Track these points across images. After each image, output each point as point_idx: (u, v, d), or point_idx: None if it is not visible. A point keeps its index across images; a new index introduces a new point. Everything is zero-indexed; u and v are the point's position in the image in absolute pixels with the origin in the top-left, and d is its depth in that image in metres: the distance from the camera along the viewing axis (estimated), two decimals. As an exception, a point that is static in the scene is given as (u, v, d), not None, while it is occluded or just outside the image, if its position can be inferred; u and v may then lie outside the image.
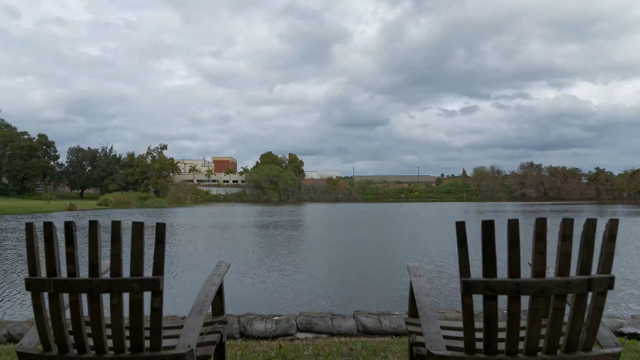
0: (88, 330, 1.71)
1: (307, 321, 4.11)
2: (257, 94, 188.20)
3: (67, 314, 1.72)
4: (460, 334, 1.75)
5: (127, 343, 1.72)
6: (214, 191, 79.41)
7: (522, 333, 1.70)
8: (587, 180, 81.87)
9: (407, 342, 2.42)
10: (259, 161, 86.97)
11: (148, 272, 1.68)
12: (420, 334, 2.01)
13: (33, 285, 1.69)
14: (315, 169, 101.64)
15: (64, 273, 1.70)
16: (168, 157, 74.91)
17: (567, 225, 1.59)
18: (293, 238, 17.06)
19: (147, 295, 1.67)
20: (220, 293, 2.43)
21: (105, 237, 1.67)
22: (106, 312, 1.70)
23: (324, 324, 4.09)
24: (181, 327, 2.02)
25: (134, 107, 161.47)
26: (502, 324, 1.64)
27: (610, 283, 1.62)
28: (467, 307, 1.63)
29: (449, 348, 1.75)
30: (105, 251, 1.69)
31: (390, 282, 8.29)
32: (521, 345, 1.68)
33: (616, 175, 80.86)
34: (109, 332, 1.71)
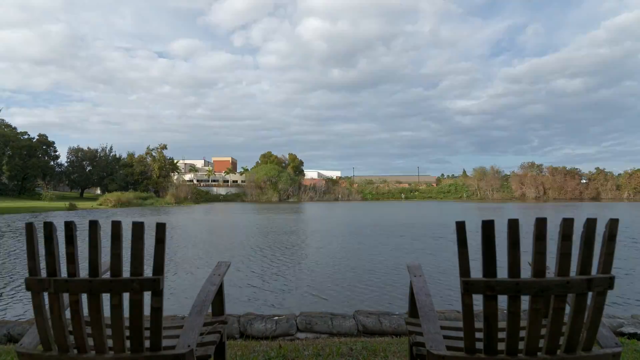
0: (88, 330, 1.71)
1: (307, 321, 4.11)
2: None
3: (67, 314, 1.72)
4: (460, 334, 1.75)
5: (127, 343, 1.72)
6: (214, 191, 79.36)
7: (522, 333, 1.70)
8: (587, 180, 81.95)
9: (407, 342, 2.42)
10: (259, 161, 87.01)
11: (148, 272, 1.69)
12: (420, 334, 2.01)
13: (33, 285, 1.69)
14: (315, 168, 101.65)
15: (64, 273, 1.70)
16: (168, 157, 74.93)
17: (567, 225, 1.59)
18: (293, 237, 17.07)
19: (147, 295, 1.67)
20: (220, 293, 2.43)
21: (105, 237, 1.67)
22: (106, 312, 1.71)
23: (324, 324, 4.09)
24: (181, 327, 2.02)
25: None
26: (502, 324, 1.64)
27: (610, 283, 1.62)
28: (467, 307, 1.63)
29: (449, 348, 1.75)
30: (105, 251, 1.69)
31: (390, 282, 8.29)
32: (521, 345, 1.68)
33: (616, 175, 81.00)
34: (109, 332, 1.72)
